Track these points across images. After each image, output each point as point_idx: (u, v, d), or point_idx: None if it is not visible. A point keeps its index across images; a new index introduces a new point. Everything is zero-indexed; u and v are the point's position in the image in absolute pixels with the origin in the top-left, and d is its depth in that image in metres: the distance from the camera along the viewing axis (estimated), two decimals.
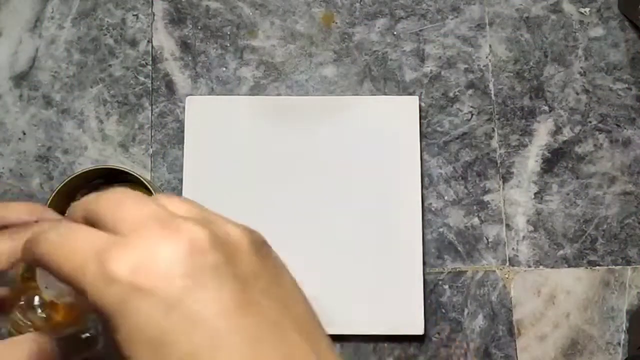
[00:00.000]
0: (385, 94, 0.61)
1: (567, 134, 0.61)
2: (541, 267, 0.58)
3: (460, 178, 0.60)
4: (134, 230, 0.23)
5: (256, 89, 0.62)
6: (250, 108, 0.59)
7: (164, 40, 0.63)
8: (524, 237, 0.59)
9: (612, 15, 0.62)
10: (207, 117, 0.59)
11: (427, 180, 0.60)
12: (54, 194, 0.55)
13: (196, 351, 0.21)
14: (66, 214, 0.28)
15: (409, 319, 0.55)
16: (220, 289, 0.22)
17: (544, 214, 0.59)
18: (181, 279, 0.22)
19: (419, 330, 0.55)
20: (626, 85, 0.61)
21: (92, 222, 0.25)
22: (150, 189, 0.54)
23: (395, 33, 0.62)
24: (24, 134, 0.61)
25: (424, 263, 0.57)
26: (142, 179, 0.55)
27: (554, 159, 0.60)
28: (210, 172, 0.58)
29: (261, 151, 0.59)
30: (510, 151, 0.60)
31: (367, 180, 0.58)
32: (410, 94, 0.61)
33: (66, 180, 0.55)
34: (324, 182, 0.58)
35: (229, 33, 0.63)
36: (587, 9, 0.63)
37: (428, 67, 0.62)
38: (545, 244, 0.59)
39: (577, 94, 0.61)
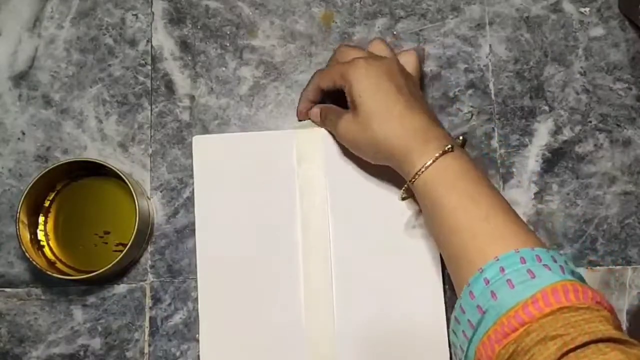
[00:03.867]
0: None
1: (567, 133, 0.61)
2: None
3: None
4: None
5: (256, 89, 0.62)
6: (257, 144, 0.59)
7: (164, 40, 0.63)
8: None
9: (613, 15, 0.62)
10: (214, 156, 0.59)
11: None
12: (31, 184, 0.55)
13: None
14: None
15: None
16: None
17: (544, 214, 0.59)
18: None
19: None
20: (626, 85, 0.61)
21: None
22: (128, 183, 0.55)
23: (395, 33, 0.62)
24: (23, 133, 0.61)
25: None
26: (120, 173, 0.55)
27: (554, 159, 0.60)
28: (222, 210, 0.58)
29: (273, 185, 0.58)
30: (510, 151, 0.60)
31: (380, 214, 0.57)
32: None
33: (45, 171, 0.56)
34: (335, 216, 0.57)
35: (228, 33, 0.63)
36: (587, 9, 0.63)
37: (428, 66, 0.62)
38: (546, 244, 0.59)
39: (578, 93, 0.61)
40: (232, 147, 0.59)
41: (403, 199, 0.53)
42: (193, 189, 0.59)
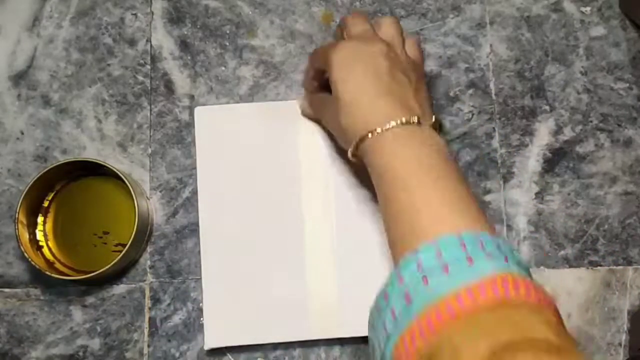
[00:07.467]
0: None
1: (568, 133, 0.60)
2: (542, 267, 0.58)
3: None
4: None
5: (255, 89, 0.61)
6: (259, 114, 0.59)
7: (163, 40, 0.62)
8: (524, 237, 0.59)
9: (613, 15, 0.62)
10: (217, 126, 0.59)
11: None
12: (30, 184, 0.55)
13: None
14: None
15: None
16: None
17: (544, 214, 0.59)
18: None
19: None
20: (627, 85, 0.61)
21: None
22: (127, 183, 0.55)
23: None
24: (22, 133, 0.61)
25: None
26: (119, 173, 0.55)
27: (555, 159, 0.60)
28: (224, 181, 0.58)
29: (276, 155, 0.59)
30: (511, 151, 0.60)
31: None
32: None
33: (44, 171, 0.56)
34: (333, 184, 0.58)
35: (228, 32, 0.62)
36: (588, 8, 0.62)
37: (428, 66, 0.61)
38: (546, 244, 0.58)
39: (578, 93, 0.61)
40: (234, 118, 0.59)
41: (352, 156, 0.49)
42: (192, 189, 0.59)
